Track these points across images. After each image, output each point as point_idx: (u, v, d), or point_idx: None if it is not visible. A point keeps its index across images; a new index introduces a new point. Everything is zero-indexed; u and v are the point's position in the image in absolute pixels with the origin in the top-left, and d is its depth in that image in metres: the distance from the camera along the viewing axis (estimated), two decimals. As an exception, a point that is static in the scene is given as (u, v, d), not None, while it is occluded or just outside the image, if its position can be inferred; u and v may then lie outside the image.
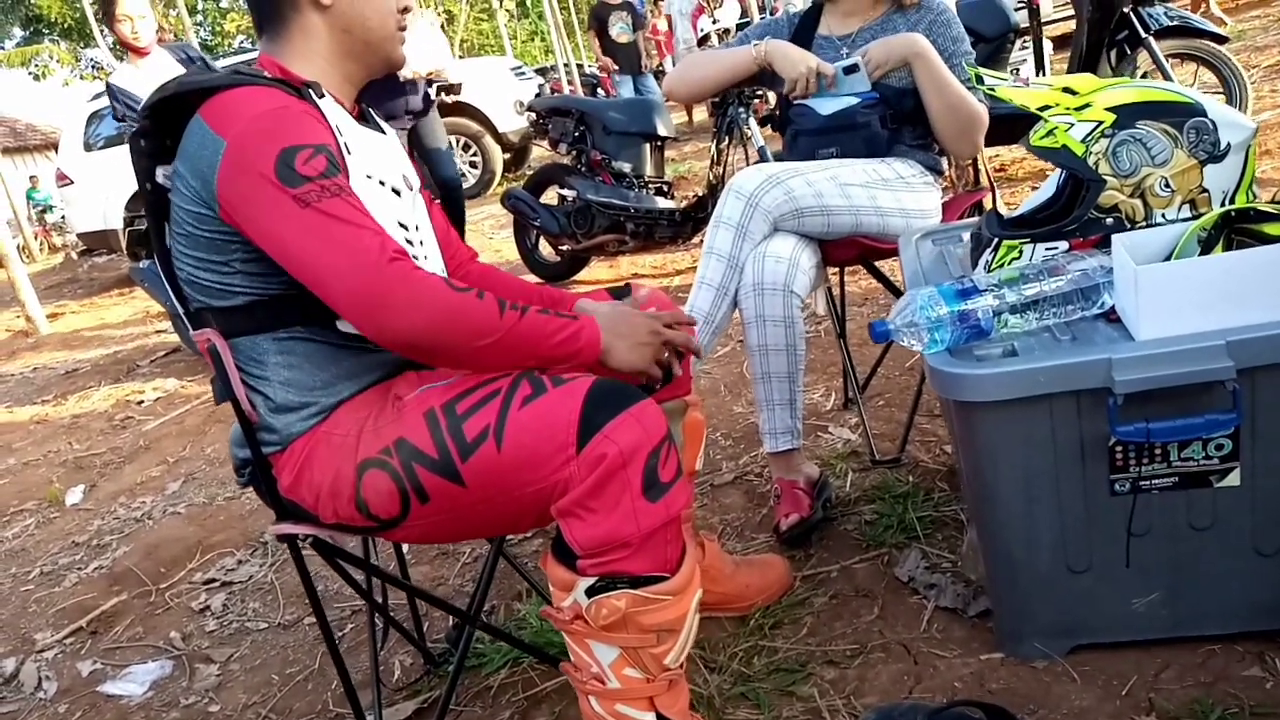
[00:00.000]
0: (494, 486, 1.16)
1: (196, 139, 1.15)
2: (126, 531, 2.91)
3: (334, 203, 1.11)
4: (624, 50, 9.25)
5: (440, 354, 1.14)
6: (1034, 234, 1.44)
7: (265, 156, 1.10)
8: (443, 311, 1.11)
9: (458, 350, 1.14)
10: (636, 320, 1.29)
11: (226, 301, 1.22)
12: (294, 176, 1.10)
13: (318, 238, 1.09)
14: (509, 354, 1.16)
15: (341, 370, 1.26)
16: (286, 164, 1.10)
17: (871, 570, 1.74)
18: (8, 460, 3.91)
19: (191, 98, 1.18)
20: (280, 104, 1.16)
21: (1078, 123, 1.36)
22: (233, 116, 1.13)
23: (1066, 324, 1.32)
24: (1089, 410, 1.24)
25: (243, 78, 1.18)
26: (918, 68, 1.87)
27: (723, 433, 2.51)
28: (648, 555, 1.14)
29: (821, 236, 1.91)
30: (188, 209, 1.18)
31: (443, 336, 1.12)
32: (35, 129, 25.93)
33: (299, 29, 1.27)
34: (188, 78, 1.20)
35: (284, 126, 1.13)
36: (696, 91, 2.16)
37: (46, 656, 2.24)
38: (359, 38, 1.30)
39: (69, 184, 9.28)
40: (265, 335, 1.23)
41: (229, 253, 1.19)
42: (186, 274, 1.23)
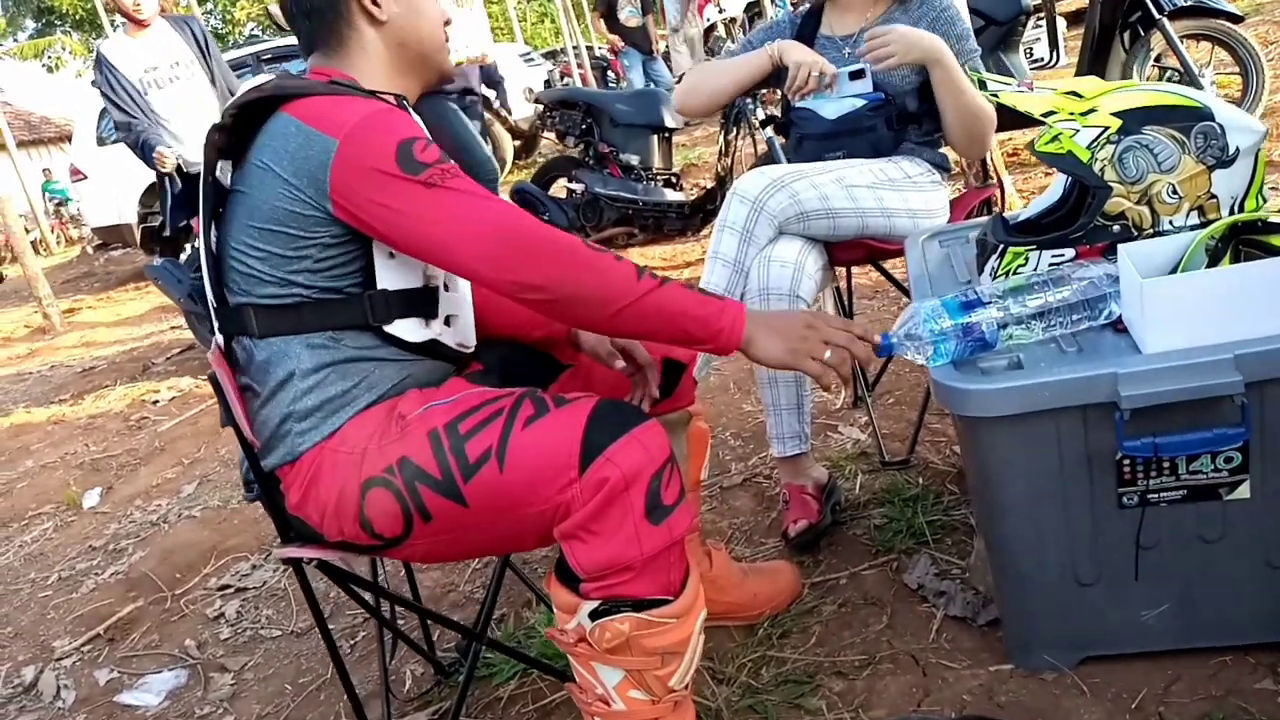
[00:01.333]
0: (496, 507, 1.16)
1: (295, 139, 1.16)
2: (143, 535, 2.93)
3: (457, 181, 1.15)
4: (633, 34, 9.19)
5: (576, 309, 1.14)
6: (1040, 241, 1.42)
7: (385, 150, 1.14)
8: (579, 267, 1.12)
9: (592, 308, 1.14)
10: (792, 315, 1.25)
11: (276, 299, 1.22)
12: (416, 164, 1.14)
13: (451, 212, 1.13)
14: (644, 321, 1.15)
15: (363, 380, 1.26)
16: (406, 154, 1.14)
17: (880, 577, 1.73)
18: (26, 463, 3.95)
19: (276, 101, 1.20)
20: (384, 107, 1.20)
21: (1083, 128, 1.34)
22: (339, 118, 1.16)
23: (1073, 334, 1.30)
24: (1095, 424, 1.22)
25: (341, 88, 1.22)
26: (935, 74, 1.83)
27: (732, 432, 2.51)
28: (651, 578, 1.14)
29: (828, 239, 1.90)
30: (276, 204, 1.18)
31: (579, 291, 1.12)
32: (50, 121, 26.06)
33: (356, 46, 1.30)
34: (285, 82, 1.22)
35: (394, 123, 1.17)
36: (711, 103, 2.10)
37: (65, 664, 2.26)
38: (414, 50, 1.34)
39: (83, 178, 9.31)
40: (300, 337, 1.23)
41: (306, 248, 1.20)
42: (246, 266, 1.23)
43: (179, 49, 3.80)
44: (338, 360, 1.24)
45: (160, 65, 3.75)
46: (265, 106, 1.21)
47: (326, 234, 1.19)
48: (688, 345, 1.20)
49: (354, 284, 1.23)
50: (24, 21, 25.12)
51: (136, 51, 3.74)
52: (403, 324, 1.26)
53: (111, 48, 3.78)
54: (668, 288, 1.16)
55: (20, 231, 7.43)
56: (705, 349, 1.21)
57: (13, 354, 6.93)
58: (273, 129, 1.19)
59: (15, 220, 7.42)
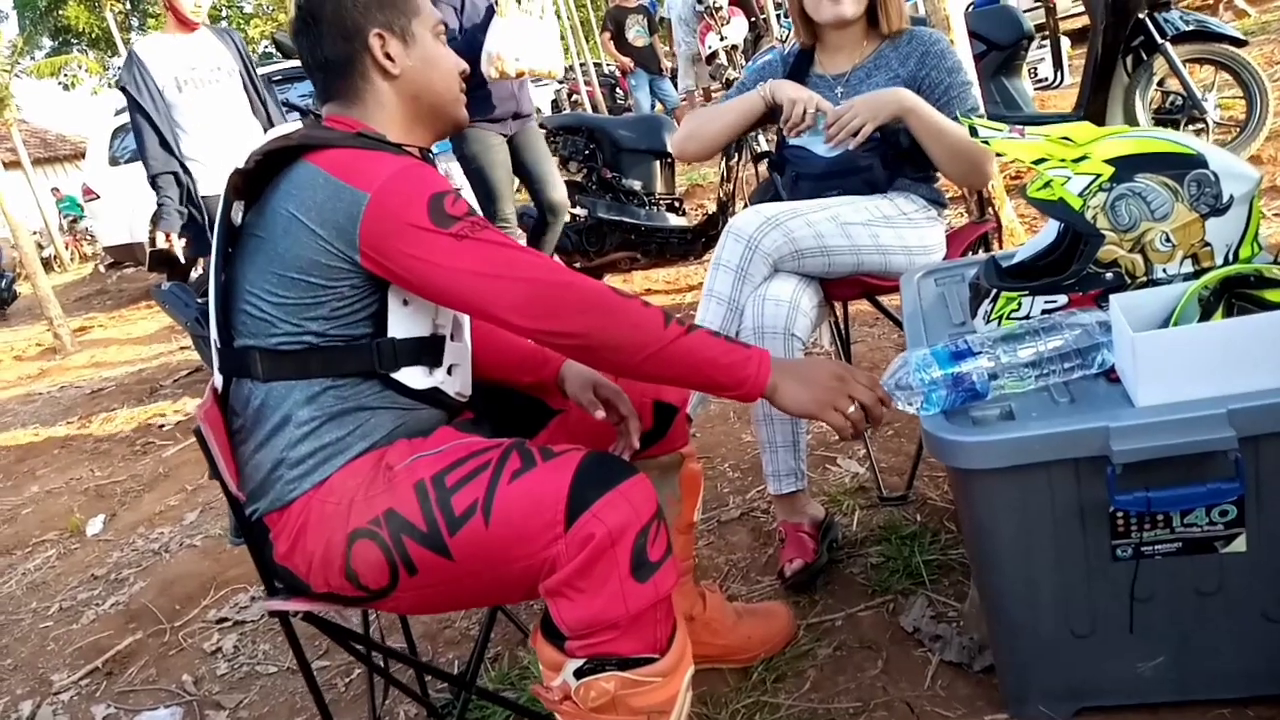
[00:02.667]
0: (482, 561, 1.15)
1: (323, 190, 1.18)
2: (144, 565, 2.93)
3: (487, 233, 1.17)
4: (641, 53, 9.22)
5: (605, 355, 1.17)
6: (1032, 287, 1.41)
7: (418, 205, 1.16)
8: (608, 315, 1.15)
9: (620, 354, 1.17)
10: (819, 364, 1.26)
11: (285, 345, 1.23)
12: (446, 219, 1.16)
13: (484, 264, 1.15)
14: (671, 366, 1.18)
15: (357, 429, 1.26)
16: (437, 208, 1.16)
17: (876, 619, 1.71)
18: (31, 488, 3.97)
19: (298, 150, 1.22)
20: (412, 162, 1.21)
21: (1075, 175, 1.33)
22: (370, 172, 1.18)
23: (1066, 384, 1.29)
24: (1088, 477, 1.21)
25: (368, 141, 1.24)
26: (910, 122, 1.83)
27: (730, 464, 2.50)
28: (637, 636, 1.13)
29: (823, 276, 1.89)
30: (300, 254, 1.19)
31: (609, 338, 1.15)
32: (65, 139, 26.30)
33: (372, 98, 1.32)
34: (315, 133, 1.24)
35: (424, 179, 1.19)
36: (709, 148, 2.11)
37: (62, 699, 2.26)
38: (426, 102, 1.36)
39: (95, 198, 9.39)
40: (301, 383, 1.24)
41: (325, 297, 1.21)
42: (259, 311, 1.23)
43: (222, 55, 3.67)
44: (335, 408, 1.24)
45: (200, 66, 3.60)
46: (289, 153, 1.22)
47: (347, 284, 1.20)
48: (713, 392, 1.23)
49: (364, 332, 1.24)
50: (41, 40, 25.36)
51: (176, 50, 3.59)
52: (409, 372, 1.27)
53: (147, 46, 3.61)
54: (695, 335, 1.18)
55: (33, 251, 7.48)
56: (730, 396, 1.22)
57: (23, 374, 6.98)
58: (298, 178, 1.20)
59: (28, 240, 7.47)
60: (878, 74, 1.96)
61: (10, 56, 21.12)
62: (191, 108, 3.59)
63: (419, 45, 1.33)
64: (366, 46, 1.30)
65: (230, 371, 1.27)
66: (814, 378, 1.23)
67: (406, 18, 1.33)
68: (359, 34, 1.29)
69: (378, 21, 1.30)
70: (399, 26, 1.32)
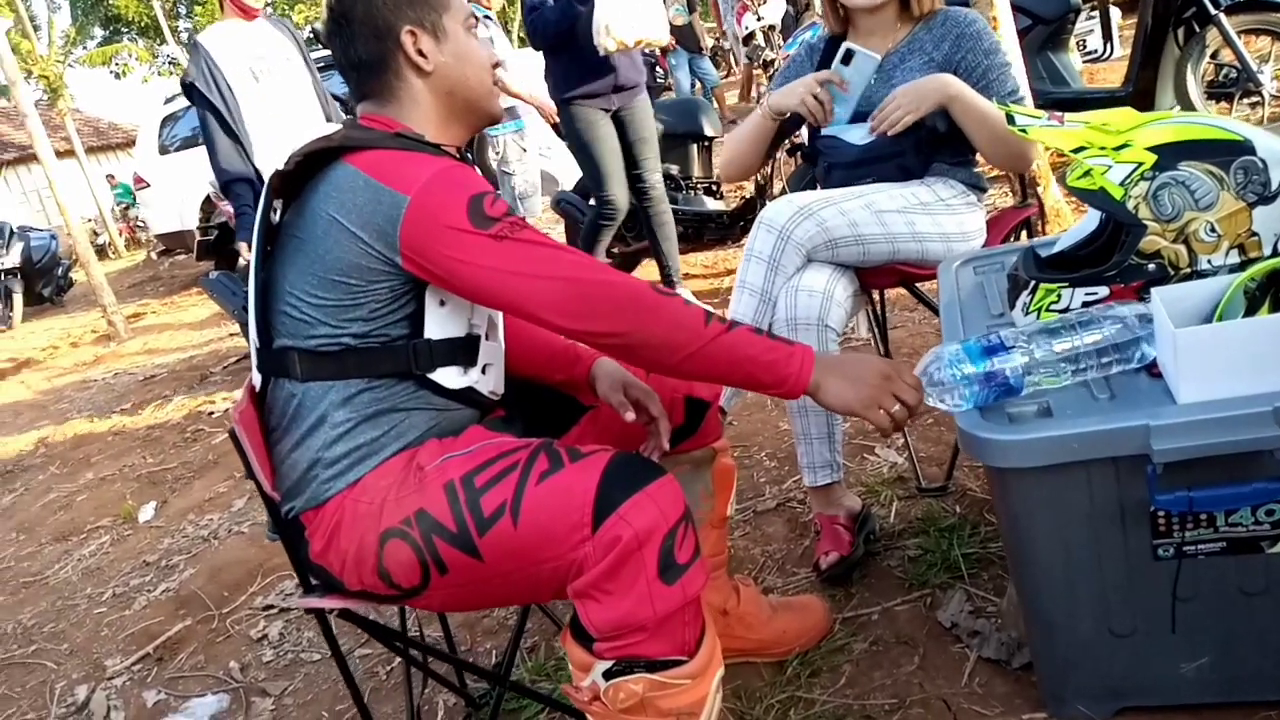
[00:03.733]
0: (511, 562, 1.16)
1: (363, 193, 1.19)
2: (194, 551, 2.99)
3: (526, 233, 1.18)
4: (680, 32, 9.15)
5: (646, 353, 1.18)
6: (1072, 278, 1.38)
7: (457, 208, 1.17)
8: (648, 313, 1.16)
9: (661, 352, 1.17)
10: (866, 362, 1.25)
11: (323, 346, 1.24)
12: (485, 220, 1.17)
13: (524, 264, 1.16)
14: (712, 365, 1.18)
15: (392, 429, 1.27)
16: (477, 210, 1.17)
17: (913, 613, 1.69)
18: (86, 475, 4.07)
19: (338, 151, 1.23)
20: (451, 163, 1.22)
21: (1116, 164, 1.29)
22: (410, 174, 1.19)
23: (1105, 379, 1.26)
24: (1128, 475, 1.18)
25: (407, 142, 1.25)
26: (954, 110, 1.79)
27: (768, 452, 2.48)
28: (665, 638, 1.12)
29: (858, 265, 1.86)
30: (341, 256, 1.20)
31: (649, 338, 1.16)
32: (117, 127, 26.78)
33: (406, 95, 1.32)
34: (354, 133, 1.25)
35: (464, 180, 1.20)
36: (743, 171, 2.14)
37: (115, 684, 2.32)
38: (461, 97, 1.36)
39: (146, 186, 9.57)
40: (338, 383, 1.25)
41: (364, 299, 1.22)
42: (299, 312, 1.24)
43: (285, 44, 3.47)
44: (371, 409, 1.25)
45: (268, 56, 3.35)
46: (329, 154, 1.23)
47: (386, 286, 1.21)
48: (754, 389, 1.22)
49: (402, 333, 1.25)
50: (93, 29, 25.83)
51: (244, 40, 3.36)
52: (445, 372, 1.28)
53: (213, 38, 3.36)
54: (736, 332, 1.18)
55: (85, 239, 7.63)
56: (772, 394, 1.22)
57: (79, 360, 7.15)
58: (337, 180, 1.21)
59: (80, 228, 7.62)
60: (912, 58, 1.92)
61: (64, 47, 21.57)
62: (265, 99, 3.36)
63: (451, 40, 1.33)
64: (399, 44, 1.29)
65: (269, 371, 1.29)
66: (859, 375, 1.22)
67: (437, 13, 1.33)
68: (390, 32, 1.29)
69: (409, 19, 1.30)
70: (430, 22, 1.32)
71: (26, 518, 3.73)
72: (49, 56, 18.97)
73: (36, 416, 5.52)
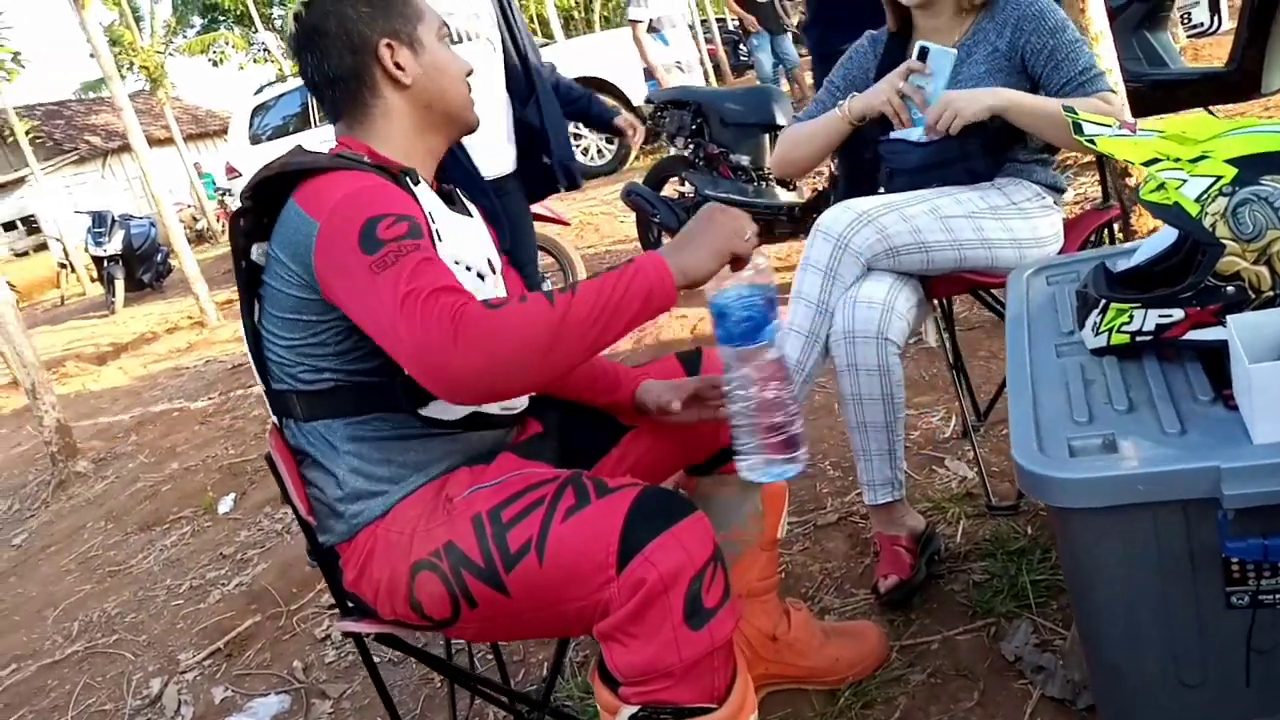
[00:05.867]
0: (538, 599, 1.13)
1: (292, 224, 1.17)
2: (267, 545, 3.07)
3: (409, 259, 1.07)
4: (761, 11, 8.96)
5: (518, 379, 1.05)
6: (1144, 299, 1.28)
7: (352, 229, 1.10)
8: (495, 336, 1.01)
9: (531, 365, 1.04)
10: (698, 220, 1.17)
11: (312, 385, 1.23)
12: (375, 243, 1.09)
13: (389, 298, 1.05)
14: (585, 334, 1.06)
15: (409, 460, 1.25)
16: (369, 232, 1.09)
17: (976, 644, 1.62)
18: (172, 465, 4.21)
19: (291, 179, 1.20)
20: (371, 183, 1.17)
21: (1191, 178, 1.18)
22: (325, 198, 1.15)
23: (1176, 410, 1.16)
24: (1198, 519, 1.09)
25: (343, 161, 1.20)
26: (1011, 117, 1.70)
27: (832, 461, 2.40)
28: (692, 685, 1.08)
29: (922, 273, 1.78)
30: (287, 292, 1.19)
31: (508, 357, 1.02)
32: (214, 114, 27.70)
33: (380, 112, 1.29)
34: (292, 159, 1.22)
35: (371, 199, 1.14)
36: (802, 169, 2.06)
37: (187, 679, 2.39)
38: (439, 111, 1.32)
39: (238, 176, 9.87)
40: (341, 420, 1.24)
41: (322, 334, 1.20)
42: (277, 356, 1.24)
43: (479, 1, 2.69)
44: (380, 443, 1.24)
45: (457, 13, 2.59)
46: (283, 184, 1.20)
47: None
48: (637, 322, 1.10)
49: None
50: (191, 18, 26.70)
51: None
52: (441, 403, 1.23)
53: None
54: (580, 291, 1.07)
55: (177, 227, 7.87)
56: (656, 313, 1.12)
57: (174, 347, 7.41)
58: (284, 214, 1.19)
59: (172, 216, 7.87)
60: (977, 50, 1.81)
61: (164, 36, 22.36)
62: None
63: (428, 52, 1.30)
64: (375, 57, 1.26)
65: (278, 412, 1.29)
66: (700, 232, 1.15)
67: (412, 24, 1.29)
68: (366, 45, 1.26)
69: (384, 31, 1.27)
70: (406, 34, 1.28)
71: (115, 506, 3.88)
72: (150, 47, 19.68)
73: (131, 403, 5.74)
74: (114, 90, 7.19)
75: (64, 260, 14.88)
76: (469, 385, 1.03)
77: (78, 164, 21.60)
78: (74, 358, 7.85)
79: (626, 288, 1.08)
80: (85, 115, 24.07)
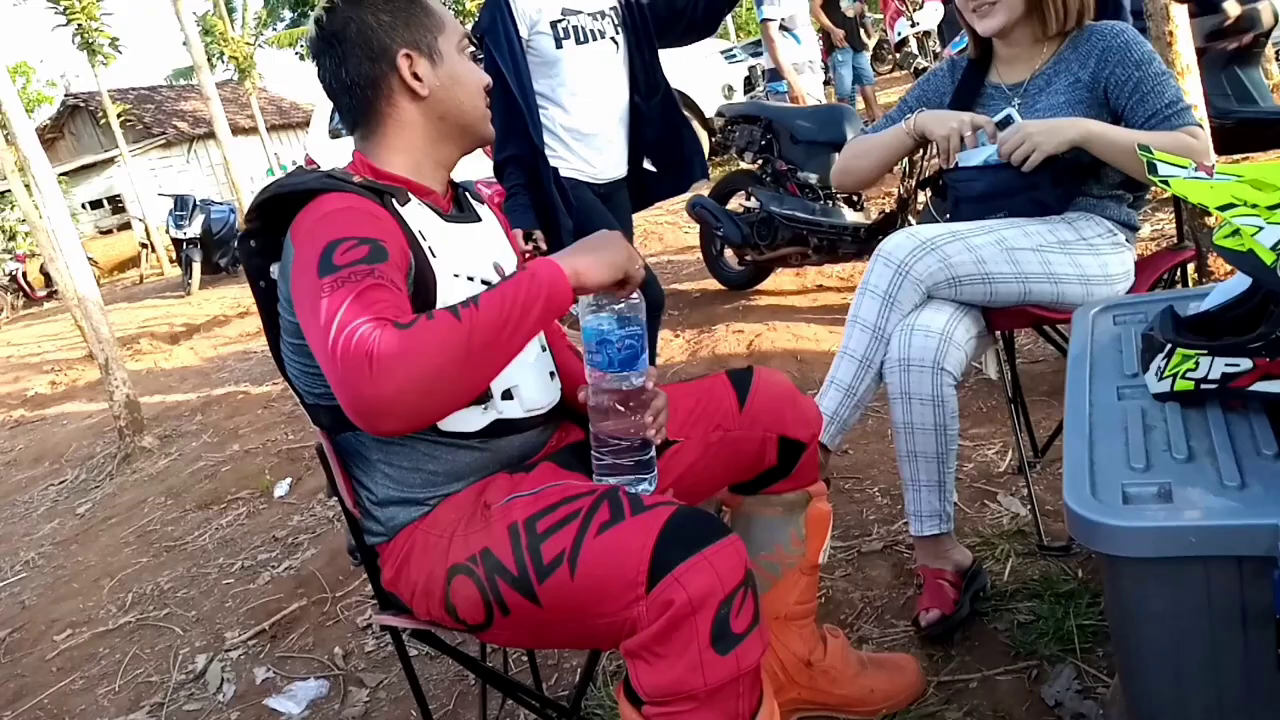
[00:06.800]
0: (568, 612, 1.13)
1: (286, 247, 1.20)
2: (318, 531, 3.12)
3: (356, 285, 1.05)
4: (849, 25, 8.89)
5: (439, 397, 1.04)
6: (1212, 346, 1.24)
7: (314, 254, 1.11)
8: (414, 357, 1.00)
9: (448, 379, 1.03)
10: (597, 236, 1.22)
11: (333, 402, 1.24)
12: (328, 267, 1.08)
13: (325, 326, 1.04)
14: (493, 343, 1.06)
15: (440, 468, 1.27)
16: (327, 257, 1.09)
17: (1016, 685, 1.58)
18: (234, 446, 4.31)
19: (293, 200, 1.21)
20: (345, 205, 1.17)
21: (1268, 225, 1.15)
22: (305, 221, 1.17)
23: (1238, 462, 1.12)
24: (1252, 576, 1.05)
25: (332, 182, 1.21)
26: (1093, 150, 1.66)
27: (881, 487, 2.37)
28: (716, 709, 1.07)
29: (984, 305, 1.75)
30: (287, 317, 1.23)
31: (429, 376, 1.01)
32: (298, 107, 28.36)
33: (394, 122, 1.30)
34: (285, 181, 1.24)
35: (337, 223, 1.14)
36: (863, 181, 2.03)
37: (231, 656, 2.44)
38: (454, 122, 1.33)
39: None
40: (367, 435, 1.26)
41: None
42: (295, 375, 1.28)
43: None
44: (408, 454, 1.26)
45: (584, 9, 2.48)
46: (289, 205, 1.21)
47: None
48: (539, 327, 1.11)
49: None
50: (282, 11, 27.38)
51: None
52: (460, 416, 1.24)
53: None
54: (482, 301, 1.07)
55: (249, 213, 8.05)
56: (555, 315, 1.14)
57: (243, 331, 7.59)
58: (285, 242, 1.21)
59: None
60: (1058, 79, 1.78)
61: (255, 28, 22.98)
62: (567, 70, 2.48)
63: (446, 63, 1.30)
64: (394, 67, 1.27)
65: (314, 422, 1.32)
66: (598, 246, 1.19)
67: (433, 35, 1.30)
68: (386, 54, 1.27)
69: (405, 40, 1.27)
70: (426, 45, 1.29)
71: (176, 483, 3.99)
72: (241, 38, 20.22)
73: (199, 383, 5.90)
74: (203, 79, 7.41)
75: (145, 240, 15.33)
76: (391, 412, 1.01)
77: (164, 148, 22.27)
78: (148, 336, 8.09)
79: (526, 290, 1.10)
80: (175, 101, 24.82)
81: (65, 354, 8.53)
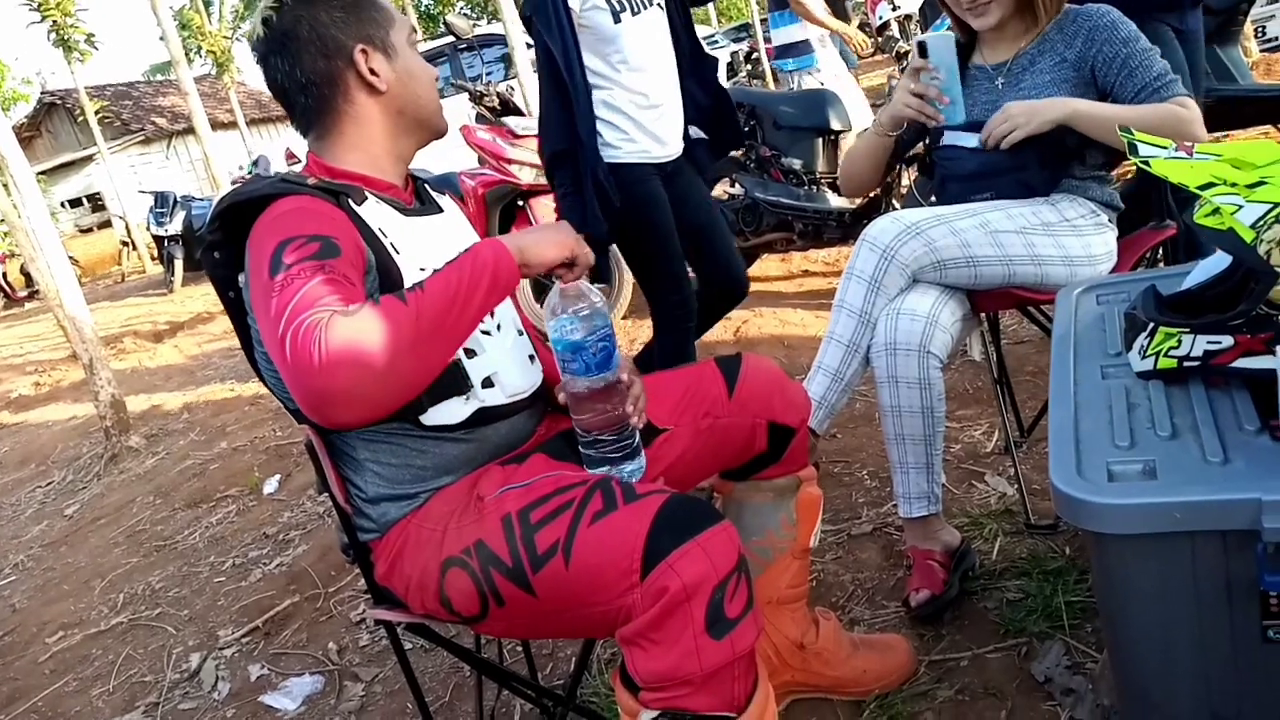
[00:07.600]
0: (563, 601, 1.14)
1: (247, 258, 1.20)
2: (309, 528, 3.12)
3: (300, 283, 1.05)
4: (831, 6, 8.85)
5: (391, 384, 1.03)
6: (1194, 324, 1.25)
7: (265, 256, 1.10)
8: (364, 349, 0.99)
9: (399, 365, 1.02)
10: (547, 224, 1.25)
11: None
12: (278, 266, 1.08)
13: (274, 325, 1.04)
14: (441, 325, 1.07)
15: (429, 463, 1.27)
16: (278, 257, 1.09)
17: (1006, 662, 1.60)
18: (221, 444, 4.29)
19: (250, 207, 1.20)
20: (296, 206, 1.17)
21: (1248, 203, 1.16)
22: (259, 227, 1.17)
23: (1221, 438, 1.14)
24: (1237, 550, 1.06)
25: (288, 186, 1.21)
26: (1079, 126, 1.68)
27: (869, 471, 2.39)
28: (712, 693, 1.08)
29: (970, 288, 1.76)
30: (253, 325, 1.24)
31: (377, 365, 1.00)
32: (277, 100, 28.18)
33: (351, 119, 1.29)
34: (241, 190, 1.23)
35: (287, 224, 1.14)
36: (866, 186, 2.08)
37: (225, 655, 2.44)
38: (411, 116, 1.33)
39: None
40: (354, 432, 1.26)
41: None
42: (271, 381, 1.29)
43: None
44: (394, 449, 1.26)
45: None
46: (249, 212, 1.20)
47: None
48: (488, 307, 1.14)
49: None
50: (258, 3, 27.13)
51: None
52: (442, 409, 1.25)
53: None
54: (426, 286, 1.09)
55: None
56: (503, 294, 1.16)
57: (228, 328, 7.51)
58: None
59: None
60: (1042, 59, 1.79)
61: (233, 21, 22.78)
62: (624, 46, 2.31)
63: (401, 57, 1.30)
64: (351, 62, 1.26)
65: (299, 420, 1.31)
66: (544, 230, 1.22)
67: (384, 29, 1.29)
68: (341, 50, 1.26)
69: (359, 35, 1.26)
70: (379, 39, 1.28)
71: (164, 482, 3.97)
72: (218, 31, 20.04)
73: (184, 381, 5.87)
74: (181, 74, 7.35)
75: (126, 238, 15.23)
76: (342, 403, 1.00)
77: (143, 144, 22.12)
78: (132, 334, 8.04)
79: (470, 270, 1.11)
80: (153, 97, 24.65)
81: (48, 354, 8.47)
